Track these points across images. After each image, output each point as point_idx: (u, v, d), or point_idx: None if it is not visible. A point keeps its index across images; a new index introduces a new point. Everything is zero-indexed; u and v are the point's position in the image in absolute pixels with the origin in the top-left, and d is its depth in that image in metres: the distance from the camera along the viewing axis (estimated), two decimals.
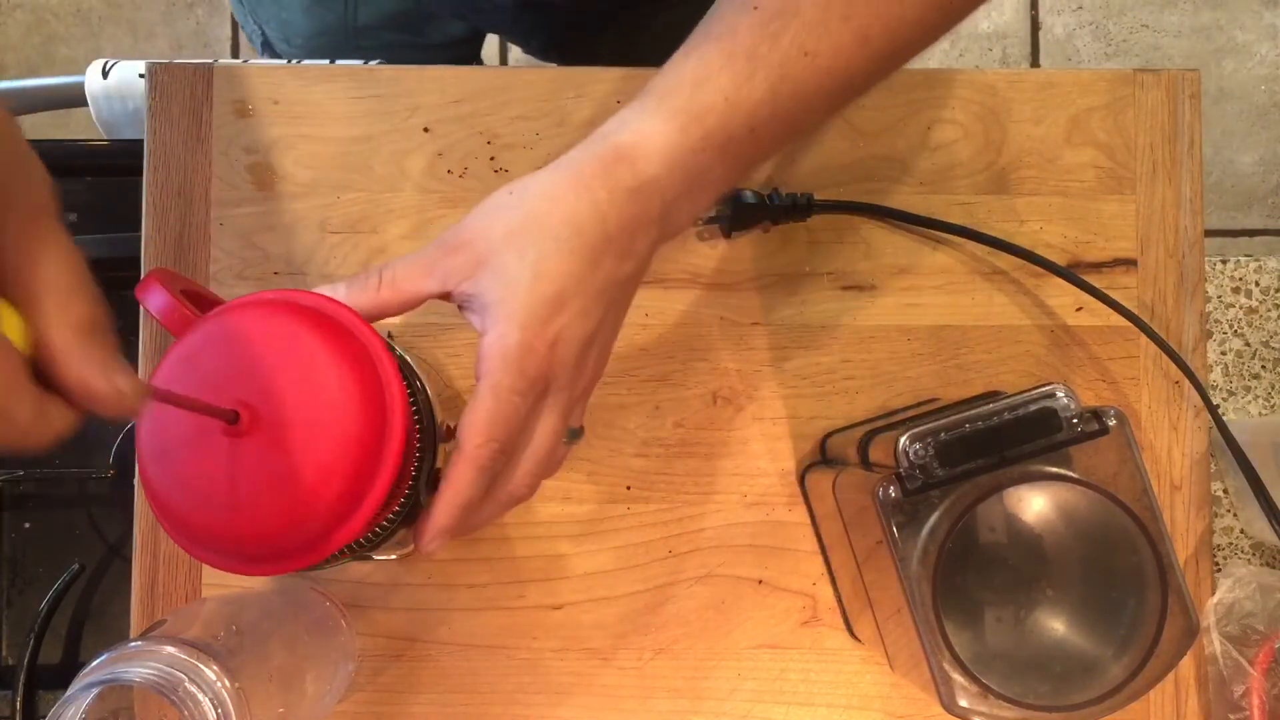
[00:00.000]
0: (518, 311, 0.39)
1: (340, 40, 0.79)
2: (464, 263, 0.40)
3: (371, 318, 0.41)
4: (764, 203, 0.58)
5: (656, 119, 0.41)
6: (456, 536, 0.41)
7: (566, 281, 0.39)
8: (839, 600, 0.58)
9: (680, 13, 0.77)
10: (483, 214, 0.41)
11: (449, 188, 0.59)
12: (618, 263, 0.41)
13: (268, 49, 0.84)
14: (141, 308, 0.48)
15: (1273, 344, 0.67)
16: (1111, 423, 0.45)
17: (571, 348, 0.40)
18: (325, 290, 0.41)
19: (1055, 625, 0.44)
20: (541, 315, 0.39)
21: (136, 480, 0.58)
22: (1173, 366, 0.58)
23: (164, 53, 1.59)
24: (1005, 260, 0.59)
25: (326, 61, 0.63)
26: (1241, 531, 0.65)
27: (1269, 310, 0.67)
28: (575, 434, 0.44)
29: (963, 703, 0.43)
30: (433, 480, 0.48)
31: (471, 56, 0.88)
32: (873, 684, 0.58)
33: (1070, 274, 0.58)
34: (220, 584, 0.57)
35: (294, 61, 0.63)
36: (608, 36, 0.75)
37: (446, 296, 0.41)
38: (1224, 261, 0.67)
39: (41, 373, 0.30)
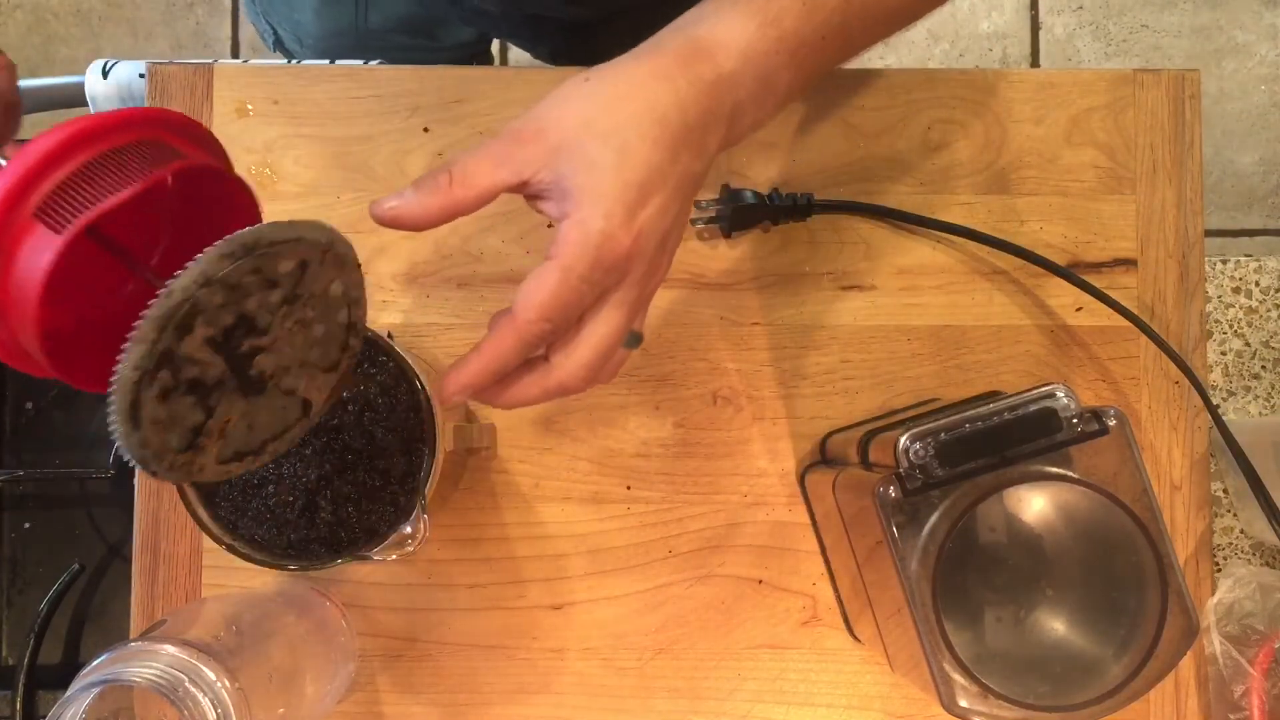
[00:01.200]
0: (604, 198, 0.38)
1: (351, 41, 0.79)
2: (541, 151, 0.39)
3: (445, 219, 0.39)
4: (764, 203, 0.58)
5: (734, 15, 0.40)
6: (485, 399, 0.41)
7: (650, 172, 0.38)
8: (839, 600, 0.58)
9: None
10: (556, 102, 0.40)
11: None
12: (692, 159, 0.40)
13: (280, 48, 0.85)
14: None
15: (1273, 344, 0.67)
16: (1111, 423, 0.45)
17: (651, 241, 0.39)
18: (393, 198, 0.39)
19: (1055, 625, 0.44)
20: (627, 204, 0.38)
21: (136, 480, 0.58)
22: (1173, 366, 0.58)
23: (164, 53, 1.59)
24: (1005, 260, 0.59)
25: (327, 61, 0.63)
26: (1241, 531, 0.65)
27: (1269, 310, 0.67)
28: (635, 339, 0.43)
29: (963, 703, 0.43)
30: (428, 480, 0.48)
31: (480, 57, 0.88)
32: (873, 684, 0.58)
33: (1070, 274, 0.58)
34: (220, 584, 0.57)
35: (294, 61, 0.63)
36: (614, 41, 0.75)
37: (520, 187, 0.40)
38: (1224, 261, 0.67)
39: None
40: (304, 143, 0.59)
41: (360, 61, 0.64)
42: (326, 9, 0.78)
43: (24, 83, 0.84)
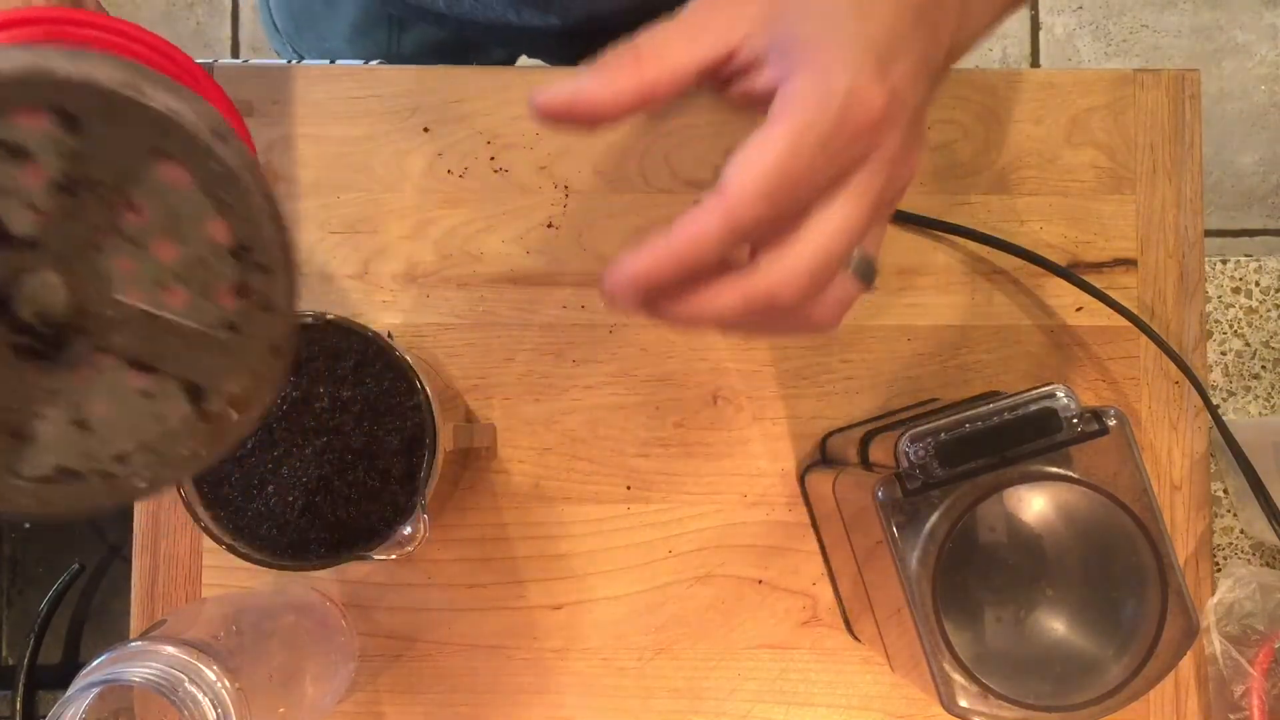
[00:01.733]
0: (846, 45, 0.29)
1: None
2: (750, 8, 0.31)
3: (634, 107, 0.31)
4: None
5: None
6: (660, 310, 0.31)
7: (894, 31, 0.30)
8: (839, 600, 0.58)
9: None
10: None
11: (449, 187, 0.59)
12: (928, 41, 0.31)
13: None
14: None
15: (1273, 344, 0.67)
16: (1111, 423, 0.44)
17: (906, 108, 0.30)
18: (565, 83, 0.31)
19: (1055, 625, 0.44)
20: (877, 54, 0.29)
21: None
22: (1173, 366, 0.58)
23: None
24: (1005, 260, 0.59)
25: (327, 62, 0.63)
26: (1241, 531, 0.65)
27: (1269, 310, 0.67)
28: (868, 268, 0.33)
29: (963, 703, 0.43)
30: (428, 480, 0.48)
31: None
32: (873, 684, 0.58)
33: (1070, 274, 0.58)
34: (220, 584, 0.57)
35: (292, 61, 0.63)
36: None
37: (725, 60, 0.31)
38: (1224, 261, 0.67)
39: None
40: (304, 143, 0.59)
41: (360, 62, 0.64)
42: (360, 37, 0.78)
43: None
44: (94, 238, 0.23)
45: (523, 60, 0.86)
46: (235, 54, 1.61)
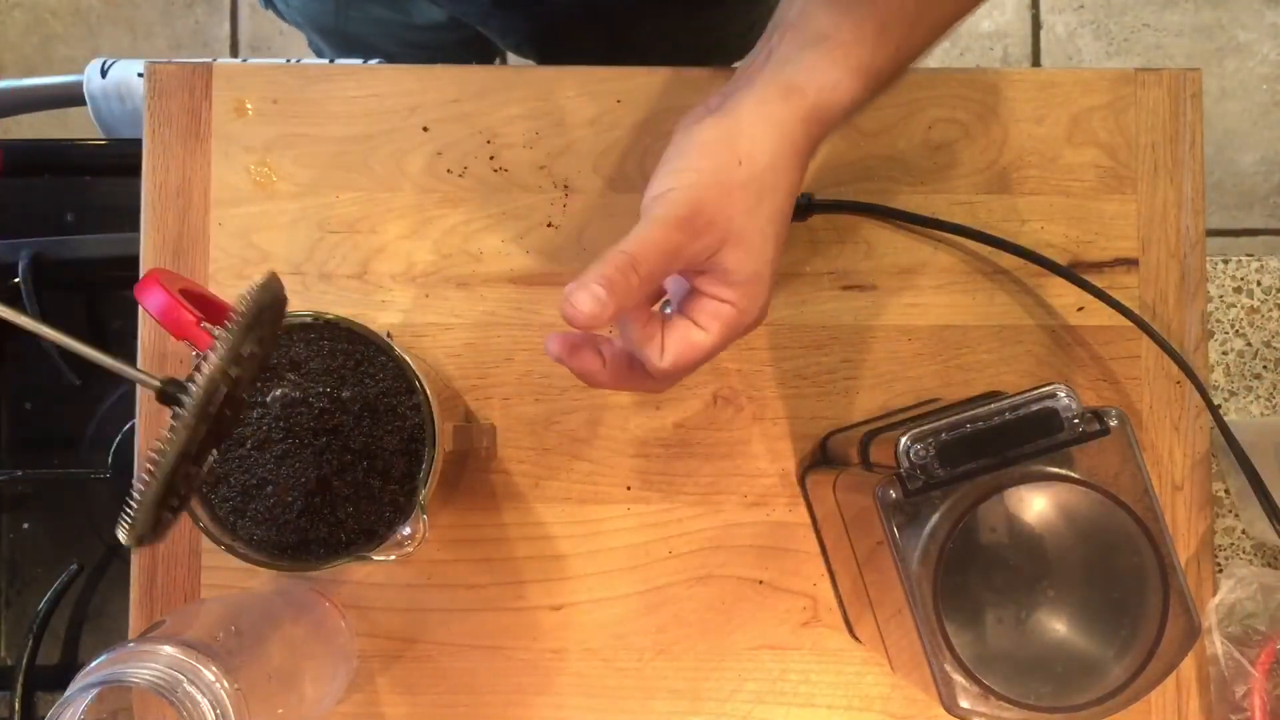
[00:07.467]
0: (762, 294, 0.43)
1: (331, 6, 0.78)
2: (712, 243, 0.42)
3: (625, 311, 0.41)
4: None
5: (843, 73, 0.43)
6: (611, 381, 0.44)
7: (777, 256, 0.43)
8: (839, 601, 0.58)
9: (669, 20, 0.75)
10: (718, 191, 0.42)
11: (448, 187, 0.59)
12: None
13: (270, 6, 0.84)
14: (140, 307, 0.48)
15: (1274, 344, 0.67)
16: (1113, 423, 0.44)
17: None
18: (589, 301, 0.40)
19: (1056, 626, 0.44)
20: (768, 291, 0.44)
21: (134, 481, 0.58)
22: (1174, 366, 0.58)
23: (163, 52, 1.59)
24: (1006, 260, 0.59)
25: (326, 61, 0.63)
26: (1243, 532, 0.65)
27: (1270, 310, 0.67)
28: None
29: (964, 704, 0.43)
30: (428, 480, 0.48)
31: (463, 43, 0.86)
32: (874, 685, 0.58)
33: (1071, 274, 0.58)
34: (220, 585, 0.57)
35: (291, 60, 0.62)
36: (590, 41, 0.75)
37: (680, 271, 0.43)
38: (1225, 261, 0.67)
39: None
40: (303, 142, 0.59)
41: (360, 60, 0.64)
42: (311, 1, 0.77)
43: (23, 82, 0.84)
44: None
45: (513, 60, 0.86)
46: (234, 53, 1.61)
